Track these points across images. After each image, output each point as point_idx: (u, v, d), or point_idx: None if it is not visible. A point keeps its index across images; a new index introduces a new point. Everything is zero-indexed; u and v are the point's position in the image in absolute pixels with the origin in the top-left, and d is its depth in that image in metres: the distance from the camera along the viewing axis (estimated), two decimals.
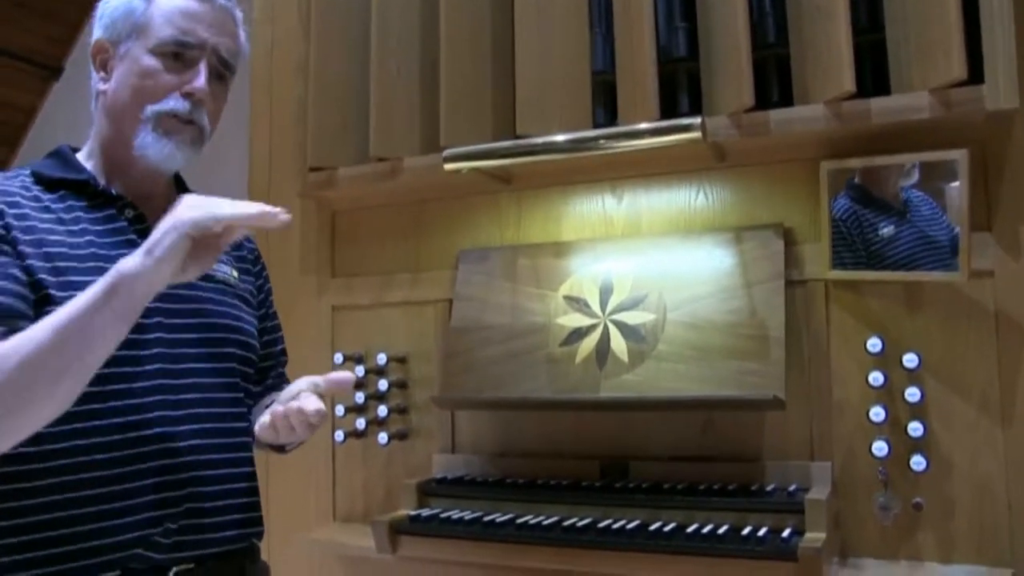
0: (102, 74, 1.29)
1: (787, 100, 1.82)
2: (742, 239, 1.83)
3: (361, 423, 2.13)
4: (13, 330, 1.07)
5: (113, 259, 1.17)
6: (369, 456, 2.18)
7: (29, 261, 1.14)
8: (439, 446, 2.09)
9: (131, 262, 1.05)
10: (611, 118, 1.96)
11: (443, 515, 1.83)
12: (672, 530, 1.64)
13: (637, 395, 1.75)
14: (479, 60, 2.07)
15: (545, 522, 1.73)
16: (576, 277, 1.95)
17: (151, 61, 1.25)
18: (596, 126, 1.95)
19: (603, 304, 1.89)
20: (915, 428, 1.68)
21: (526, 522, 1.74)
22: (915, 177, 1.71)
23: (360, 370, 2.13)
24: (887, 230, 1.72)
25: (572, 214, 2.07)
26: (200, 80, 1.27)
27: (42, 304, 1.13)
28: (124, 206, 1.27)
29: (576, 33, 1.96)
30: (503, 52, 2.07)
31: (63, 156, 1.31)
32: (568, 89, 1.94)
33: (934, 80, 1.64)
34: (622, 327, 1.85)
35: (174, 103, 1.26)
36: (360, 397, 2.13)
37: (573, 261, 1.97)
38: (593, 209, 2.05)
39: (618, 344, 1.83)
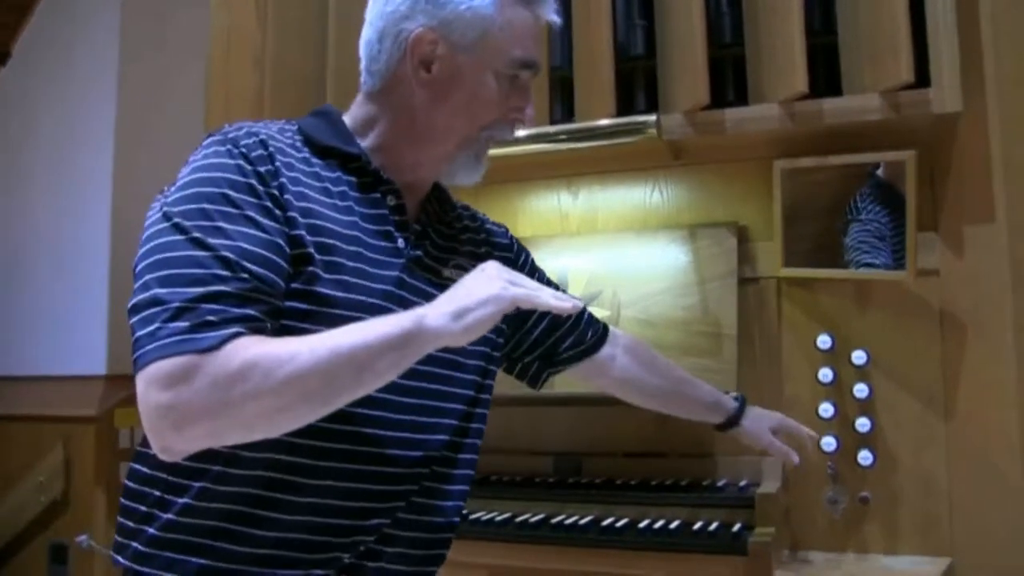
0: (422, 72, 1.11)
1: (743, 99, 1.85)
2: (696, 236, 1.85)
3: None
4: (271, 311, 0.96)
5: (373, 248, 1.07)
6: None
7: (297, 231, 1.01)
8: None
9: (437, 319, 0.94)
10: (568, 114, 1.96)
11: None
12: (625, 526, 1.65)
13: (591, 391, 1.75)
14: None
15: (498, 518, 1.73)
16: None
17: (495, 83, 1.12)
18: (553, 122, 1.95)
19: None
20: (863, 424, 1.72)
21: (479, 518, 1.74)
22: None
23: None
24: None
25: (528, 210, 2.08)
26: (532, 108, 1.16)
27: (309, 282, 1.00)
28: (389, 192, 1.13)
29: None
30: None
31: (333, 121, 1.16)
32: None
33: (884, 82, 1.67)
34: None
35: (506, 131, 1.16)
36: None
37: None
38: (549, 205, 2.06)
39: None
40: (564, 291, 1.31)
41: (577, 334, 1.42)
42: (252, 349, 0.90)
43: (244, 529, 1.00)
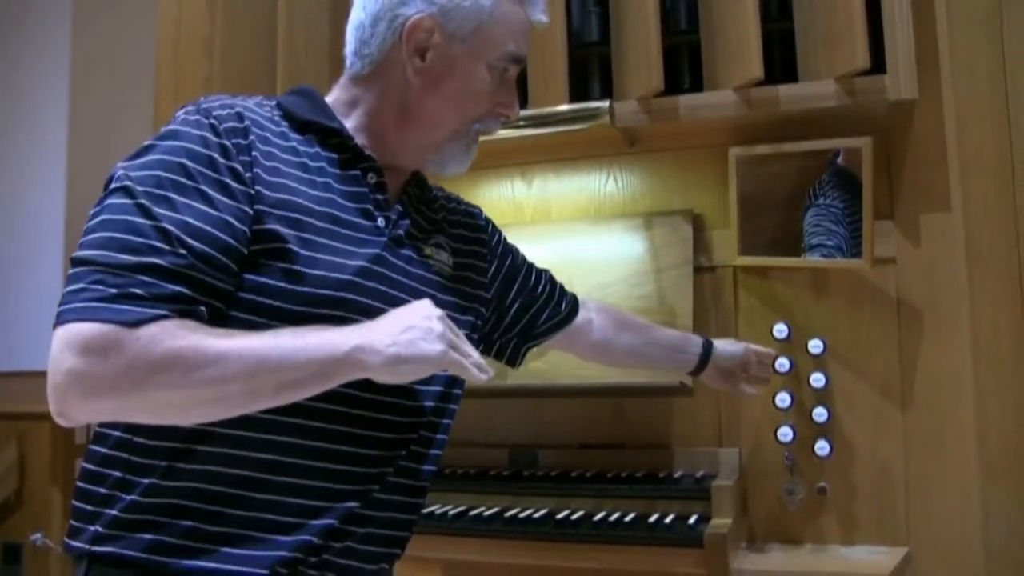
0: (416, 60, 1.11)
1: (698, 86, 1.82)
2: (652, 225, 1.83)
3: None
4: (206, 290, 0.93)
5: (349, 224, 1.05)
6: None
7: (261, 206, 0.98)
8: None
9: (373, 357, 0.93)
10: (523, 102, 1.93)
11: None
12: (580, 518, 1.63)
13: (546, 382, 1.74)
14: None
15: (452, 512, 1.70)
16: None
17: (487, 75, 1.13)
18: None
19: None
20: (819, 413, 1.71)
21: (433, 512, 1.71)
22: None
23: None
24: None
25: (482, 199, 2.03)
26: (516, 105, 1.18)
27: (276, 258, 0.98)
28: (370, 169, 1.11)
29: None
30: None
31: (313, 99, 1.14)
32: None
33: (839, 69, 1.66)
34: None
35: (491, 124, 1.18)
36: None
37: None
38: (503, 194, 2.03)
39: None
40: (534, 268, 1.41)
41: (552, 306, 1.44)
42: (179, 341, 0.87)
43: (215, 508, 0.98)
